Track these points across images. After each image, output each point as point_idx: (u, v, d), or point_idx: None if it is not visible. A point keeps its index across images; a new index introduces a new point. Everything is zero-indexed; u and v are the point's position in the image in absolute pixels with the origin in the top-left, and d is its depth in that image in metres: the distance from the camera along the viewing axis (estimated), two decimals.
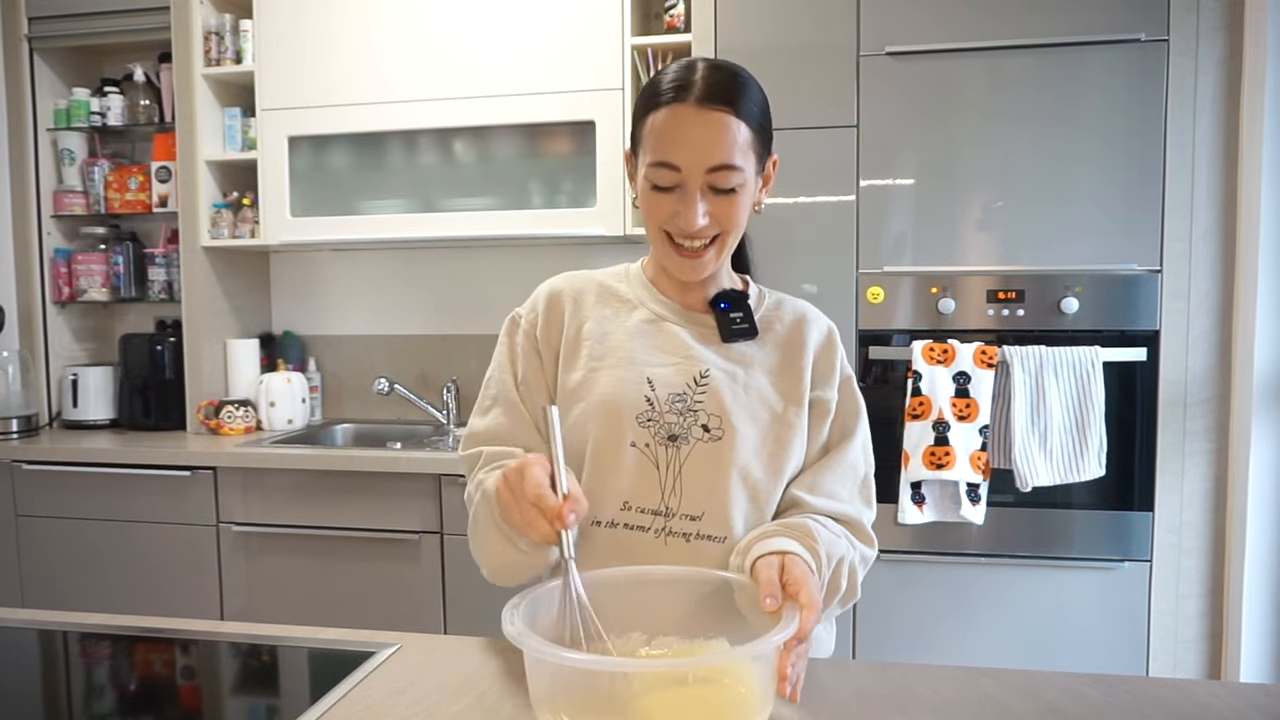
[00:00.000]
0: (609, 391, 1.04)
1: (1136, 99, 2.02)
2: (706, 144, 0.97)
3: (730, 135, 0.98)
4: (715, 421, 1.03)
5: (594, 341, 1.08)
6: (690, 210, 0.99)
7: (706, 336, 1.09)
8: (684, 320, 1.10)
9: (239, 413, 2.58)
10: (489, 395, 1.12)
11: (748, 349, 1.09)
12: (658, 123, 1.00)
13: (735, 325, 1.09)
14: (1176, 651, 2.09)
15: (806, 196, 2.16)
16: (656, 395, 1.04)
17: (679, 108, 0.98)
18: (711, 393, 1.04)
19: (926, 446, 2.02)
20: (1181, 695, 0.85)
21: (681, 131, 0.98)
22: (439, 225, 2.47)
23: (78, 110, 2.72)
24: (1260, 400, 2.00)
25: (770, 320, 1.12)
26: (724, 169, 0.98)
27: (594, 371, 1.06)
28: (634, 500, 1.03)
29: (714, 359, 1.07)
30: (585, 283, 1.14)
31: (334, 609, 2.27)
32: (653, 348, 1.07)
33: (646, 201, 1.03)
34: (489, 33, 2.39)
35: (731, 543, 1.03)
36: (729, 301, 1.10)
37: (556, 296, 1.13)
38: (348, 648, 1.00)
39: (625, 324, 1.10)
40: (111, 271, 2.76)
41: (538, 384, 1.10)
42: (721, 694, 0.75)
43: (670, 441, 1.03)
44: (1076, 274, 2.05)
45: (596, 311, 1.11)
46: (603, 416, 1.03)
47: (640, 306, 1.11)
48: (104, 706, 0.91)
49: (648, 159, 1.01)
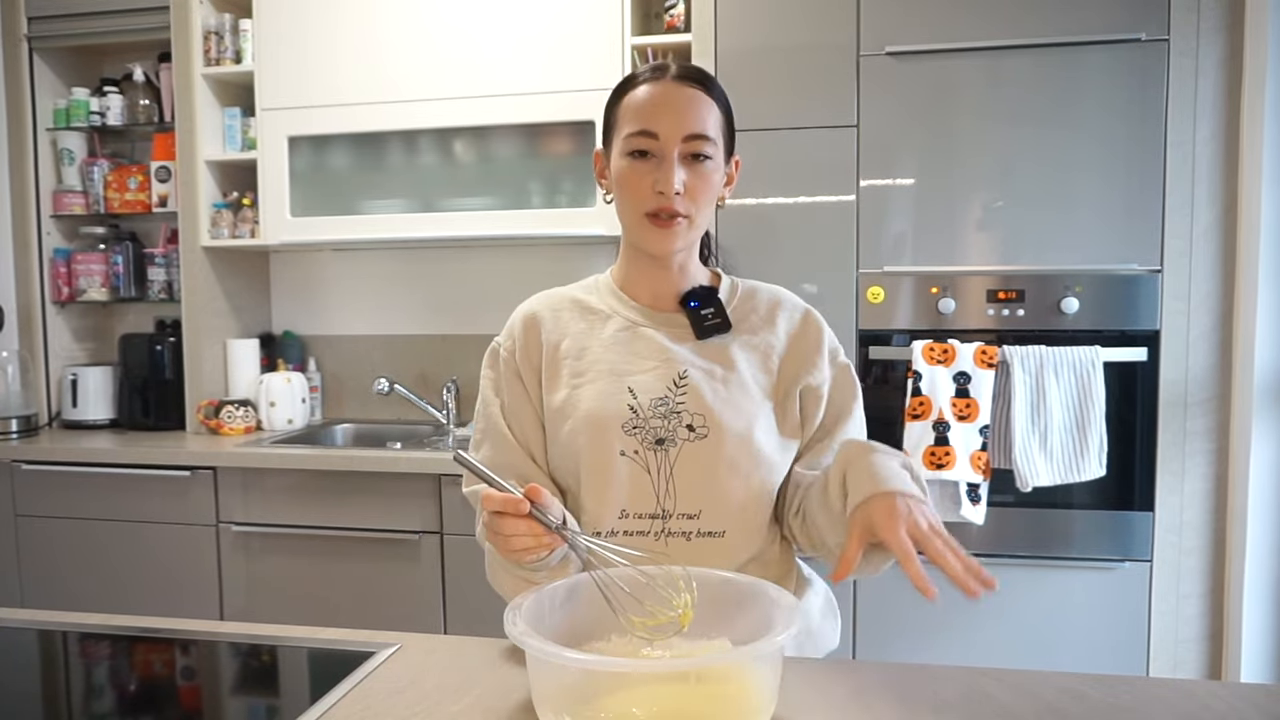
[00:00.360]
0: (593, 406, 1.05)
1: (1137, 99, 2.02)
2: (684, 113, 1.03)
3: (704, 108, 1.04)
4: (699, 420, 1.04)
5: (573, 359, 1.10)
6: (669, 175, 1.02)
7: (681, 336, 1.10)
8: (657, 323, 1.11)
9: (239, 413, 2.58)
10: (479, 430, 1.14)
11: (723, 343, 1.10)
12: (637, 98, 1.05)
13: (708, 321, 1.10)
14: (1177, 651, 2.09)
15: (806, 196, 2.16)
16: (639, 402, 1.05)
17: (657, 83, 1.04)
18: (692, 392, 1.05)
19: (927, 446, 2.02)
20: (1182, 695, 0.85)
21: (660, 101, 1.03)
22: (439, 225, 2.47)
23: (77, 110, 2.71)
24: (1260, 400, 2.00)
25: (744, 311, 1.13)
26: (700, 138, 1.03)
27: (576, 389, 1.08)
28: (631, 507, 1.04)
29: (691, 358, 1.08)
30: (558, 301, 1.16)
31: (334, 609, 2.26)
32: (631, 355, 1.09)
33: (625, 177, 1.05)
34: (488, 32, 2.38)
35: (734, 536, 1.03)
36: (699, 299, 1.12)
37: (531, 319, 1.14)
38: (348, 648, 1.00)
39: (601, 336, 1.11)
40: (111, 271, 2.76)
41: (524, 409, 1.11)
42: (723, 694, 0.75)
43: (658, 445, 1.04)
44: (1077, 274, 2.05)
45: (572, 327, 1.12)
46: (590, 431, 1.05)
47: (614, 316, 1.12)
48: (104, 706, 0.91)
49: (625, 132, 1.04)
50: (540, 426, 1.11)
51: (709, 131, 1.03)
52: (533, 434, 1.11)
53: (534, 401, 1.11)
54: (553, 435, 1.09)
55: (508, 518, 0.85)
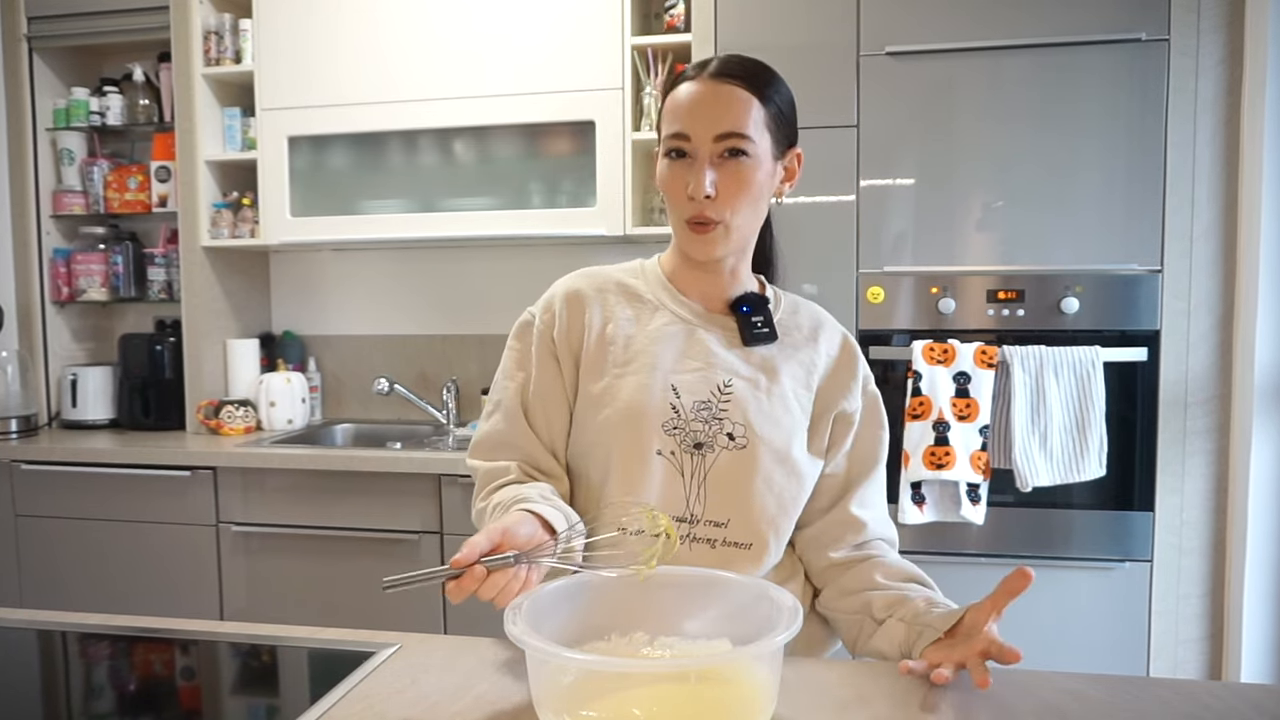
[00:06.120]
0: (634, 398, 1.02)
1: (1137, 99, 2.02)
2: (715, 112, 0.99)
3: (740, 106, 0.99)
4: (740, 430, 1.02)
5: (618, 346, 1.06)
6: (699, 177, 0.99)
7: (729, 340, 1.08)
8: (706, 324, 1.08)
9: (239, 413, 2.58)
10: (493, 400, 1.10)
11: (768, 353, 1.08)
12: (676, 97, 1.03)
13: (756, 330, 1.07)
14: (1177, 651, 2.09)
15: (806, 196, 2.16)
16: (682, 403, 1.03)
17: (694, 82, 1.02)
18: (736, 401, 1.03)
19: (926, 446, 2.02)
20: (1182, 695, 0.85)
21: (693, 102, 1.00)
22: (439, 225, 2.47)
23: (77, 110, 2.71)
24: (1260, 400, 2.00)
25: (788, 326, 1.11)
26: (731, 136, 0.99)
27: (618, 378, 1.04)
28: (659, 508, 1.02)
29: (737, 365, 1.06)
30: (604, 281, 1.11)
31: (334, 609, 2.26)
32: (677, 353, 1.06)
33: (663, 179, 1.03)
34: (488, 32, 2.38)
35: (760, 549, 1.03)
36: (750, 305, 1.09)
37: (576, 296, 1.09)
38: (348, 648, 0.99)
39: (648, 327, 1.07)
40: (111, 271, 2.76)
41: (554, 391, 1.07)
42: (723, 694, 0.75)
43: (696, 449, 1.02)
44: (1077, 274, 2.05)
45: (619, 312, 1.08)
46: (628, 424, 1.02)
47: (662, 309, 1.09)
48: (104, 706, 0.91)
49: (664, 133, 1.03)
50: (568, 412, 1.07)
51: (744, 129, 0.98)
52: (556, 418, 1.07)
53: (567, 386, 1.08)
54: (583, 422, 1.06)
55: (474, 585, 0.81)
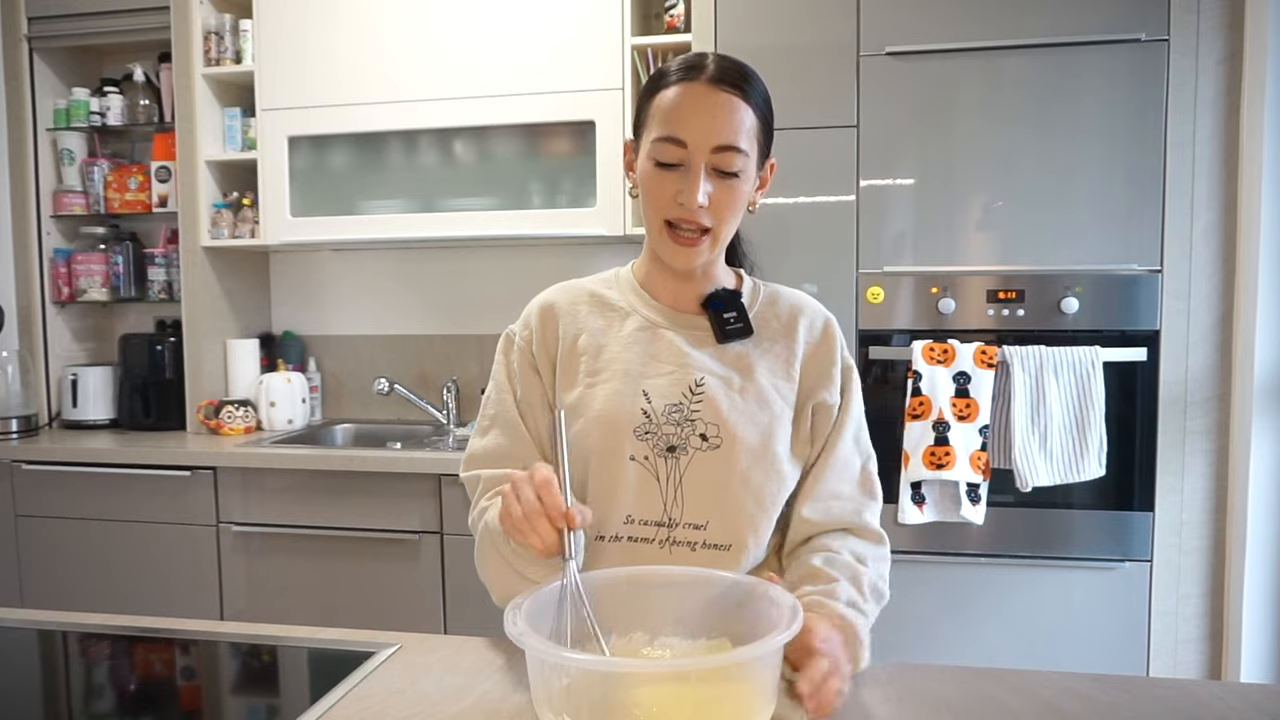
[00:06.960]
0: (606, 406, 1.03)
1: (1137, 99, 2.02)
2: (715, 122, 0.97)
3: (738, 117, 0.97)
4: (713, 430, 1.02)
5: (589, 356, 1.07)
6: (693, 187, 0.97)
7: (701, 339, 1.07)
8: (677, 325, 1.08)
9: (239, 413, 2.58)
10: (487, 415, 1.10)
11: (744, 349, 1.07)
12: (666, 99, 0.99)
13: (729, 326, 1.07)
14: (1177, 651, 2.09)
15: (806, 196, 2.16)
16: (653, 407, 1.03)
17: (690, 85, 0.98)
18: (708, 401, 1.02)
19: (926, 446, 2.02)
20: (1181, 695, 0.85)
21: (691, 108, 0.97)
22: (439, 225, 2.47)
23: (77, 110, 2.71)
24: (1260, 400, 2.00)
25: (766, 317, 1.10)
26: (729, 149, 0.97)
27: (590, 387, 1.05)
28: (636, 513, 1.02)
29: (710, 364, 1.05)
30: (577, 294, 1.12)
31: (334, 609, 2.26)
32: (648, 357, 1.06)
33: (649, 182, 1.01)
34: (488, 32, 2.38)
35: (739, 550, 1.02)
36: (721, 302, 1.08)
37: (549, 310, 1.11)
38: (348, 648, 1.00)
39: (619, 334, 1.08)
40: (111, 271, 2.76)
41: (538, 401, 1.09)
42: (723, 694, 0.75)
43: (669, 453, 1.02)
44: (1076, 274, 2.05)
45: (590, 323, 1.09)
46: (601, 431, 1.02)
47: (633, 314, 1.09)
48: (104, 706, 0.91)
49: (653, 135, 0.99)
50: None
51: (741, 143, 0.97)
52: (544, 428, 1.08)
53: (547, 396, 1.08)
54: None
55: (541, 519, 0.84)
